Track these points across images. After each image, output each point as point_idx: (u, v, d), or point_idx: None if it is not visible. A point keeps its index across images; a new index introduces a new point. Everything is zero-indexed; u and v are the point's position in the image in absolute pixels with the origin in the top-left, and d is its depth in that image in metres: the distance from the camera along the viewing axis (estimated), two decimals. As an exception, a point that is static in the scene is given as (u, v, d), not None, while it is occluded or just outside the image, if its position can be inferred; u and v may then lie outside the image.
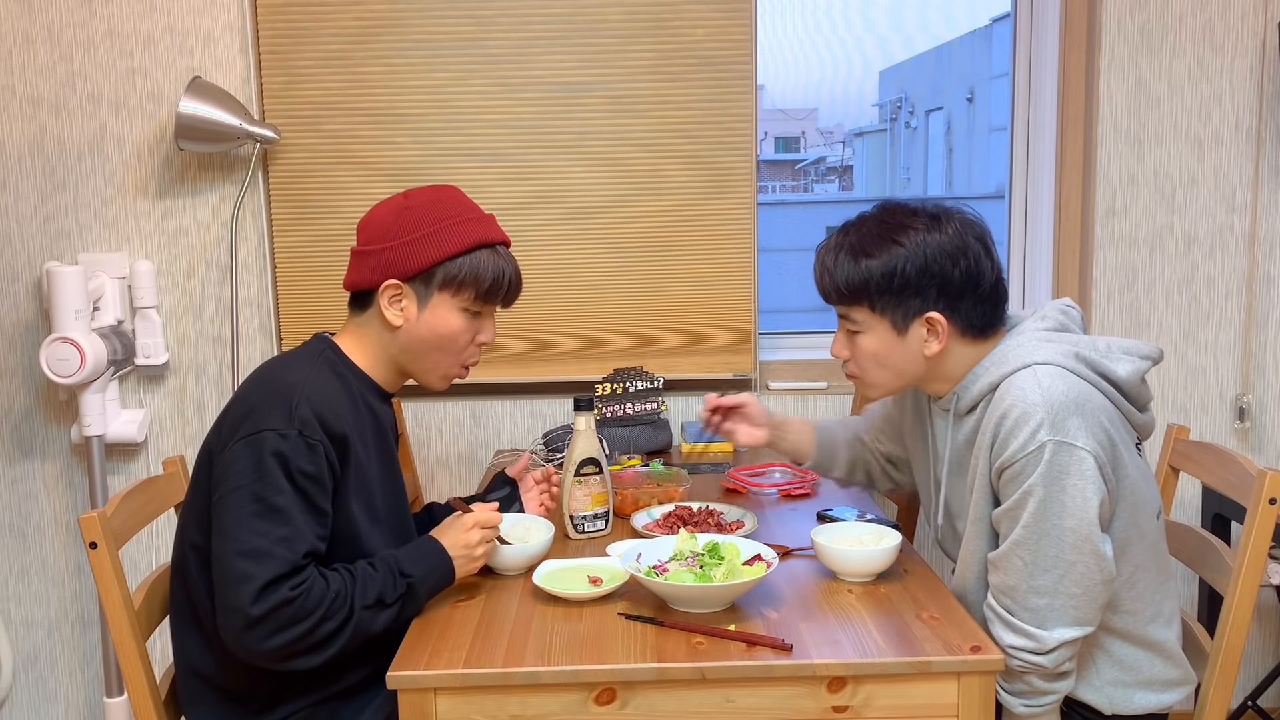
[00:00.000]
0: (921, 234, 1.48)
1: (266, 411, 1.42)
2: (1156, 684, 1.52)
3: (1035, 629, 1.41)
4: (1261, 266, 2.55)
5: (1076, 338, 1.50)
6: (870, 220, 1.54)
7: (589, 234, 2.54)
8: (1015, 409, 1.41)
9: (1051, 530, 1.39)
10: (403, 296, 1.55)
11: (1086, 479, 1.39)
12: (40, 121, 2.48)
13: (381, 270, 1.54)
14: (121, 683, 2.49)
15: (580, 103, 2.49)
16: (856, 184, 13.56)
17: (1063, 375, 1.42)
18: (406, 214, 1.55)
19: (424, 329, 1.56)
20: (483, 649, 1.36)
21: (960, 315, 1.50)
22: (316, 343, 1.59)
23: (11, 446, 2.59)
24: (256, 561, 1.35)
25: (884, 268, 1.48)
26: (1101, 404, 1.44)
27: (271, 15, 2.45)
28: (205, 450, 1.50)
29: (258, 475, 1.39)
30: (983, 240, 1.50)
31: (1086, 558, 1.40)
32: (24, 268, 2.52)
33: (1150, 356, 1.51)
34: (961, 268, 1.48)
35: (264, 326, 2.55)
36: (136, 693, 1.49)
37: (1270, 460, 2.62)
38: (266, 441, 1.40)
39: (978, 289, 1.49)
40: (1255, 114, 2.50)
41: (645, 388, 2.46)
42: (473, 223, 1.57)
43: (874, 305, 1.51)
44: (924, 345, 1.52)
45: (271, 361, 1.56)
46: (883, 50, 15.84)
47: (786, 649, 1.33)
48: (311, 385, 1.46)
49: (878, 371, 1.56)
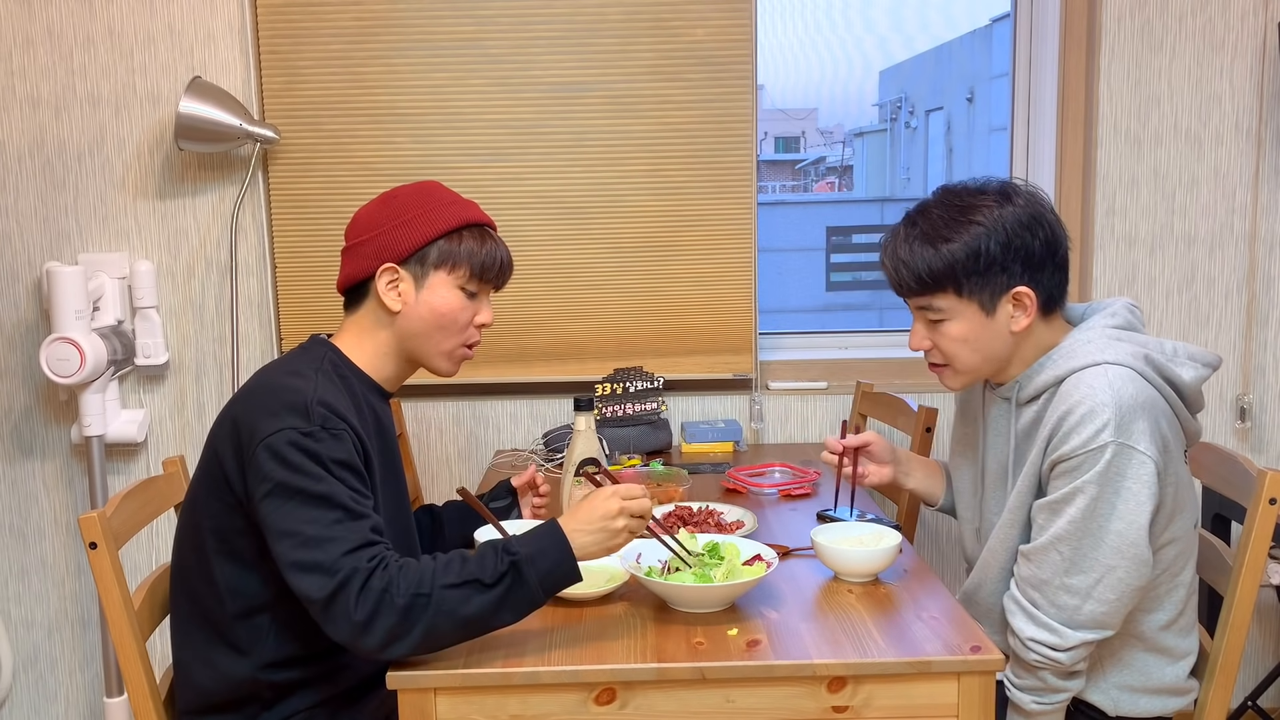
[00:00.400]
0: (996, 210, 1.47)
1: (281, 414, 1.39)
2: (1164, 691, 1.52)
3: (1060, 625, 1.41)
4: (1261, 266, 2.55)
5: (1145, 339, 1.50)
6: (936, 206, 1.52)
7: (589, 234, 2.54)
8: (1082, 405, 1.40)
9: (1096, 531, 1.39)
10: (399, 279, 1.54)
11: (1143, 484, 1.38)
12: (40, 121, 2.48)
13: (375, 257, 1.54)
14: (121, 683, 2.49)
15: (580, 103, 2.49)
16: (856, 184, 13.55)
17: (1133, 378, 1.41)
18: (392, 201, 1.57)
19: (424, 309, 1.55)
20: (483, 649, 1.36)
21: (1043, 286, 1.49)
22: (316, 346, 1.58)
23: (11, 446, 2.59)
24: (318, 548, 1.32)
25: (967, 249, 1.46)
26: (1164, 410, 1.43)
27: (271, 15, 2.45)
28: (213, 455, 1.47)
29: (291, 471, 1.36)
30: (1050, 208, 1.51)
31: (1128, 563, 1.39)
32: (24, 268, 2.52)
33: (1211, 364, 1.51)
34: (1041, 238, 1.47)
35: (264, 326, 2.55)
36: (136, 693, 1.49)
37: (1270, 460, 2.62)
38: (290, 439, 1.37)
39: (1055, 256, 1.49)
40: (1255, 114, 2.50)
41: (645, 388, 2.46)
42: (458, 205, 1.58)
43: (961, 289, 1.49)
44: (1011, 321, 1.50)
45: (270, 368, 1.53)
46: (883, 50, 15.80)
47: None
48: (321, 388, 1.45)
49: (968, 356, 1.54)
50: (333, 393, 1.46)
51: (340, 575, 1.29)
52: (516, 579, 1.30)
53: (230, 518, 1.44)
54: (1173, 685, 1.52)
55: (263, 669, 1.46)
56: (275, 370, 1.52)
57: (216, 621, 1.48)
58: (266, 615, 1.47)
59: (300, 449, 1.37)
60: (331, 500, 1.35)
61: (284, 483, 1.35)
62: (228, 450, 1.44)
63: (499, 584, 1.30)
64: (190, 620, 1.51)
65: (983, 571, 1.57)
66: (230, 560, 1.46)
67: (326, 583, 1.29)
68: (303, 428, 1.38)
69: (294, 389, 1.43)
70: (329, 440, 1.39)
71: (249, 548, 1.44)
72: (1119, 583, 1.40)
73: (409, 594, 1.28)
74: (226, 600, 1.46)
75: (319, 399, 1.42)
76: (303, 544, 1.33)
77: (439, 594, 1.28)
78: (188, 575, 1.51)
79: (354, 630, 1.28)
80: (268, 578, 1.45)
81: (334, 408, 1.42)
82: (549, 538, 1.34)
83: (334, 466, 1.38)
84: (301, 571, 1.32)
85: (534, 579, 1.31)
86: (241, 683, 1.48)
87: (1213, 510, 2.43)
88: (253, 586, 1.46)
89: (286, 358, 1.57)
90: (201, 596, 1.48)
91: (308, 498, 1.35)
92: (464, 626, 1.30)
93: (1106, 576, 1.39)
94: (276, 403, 1.41)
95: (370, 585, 1.28)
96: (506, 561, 1.30)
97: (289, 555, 1.33)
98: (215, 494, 1.45)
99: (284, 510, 1.35)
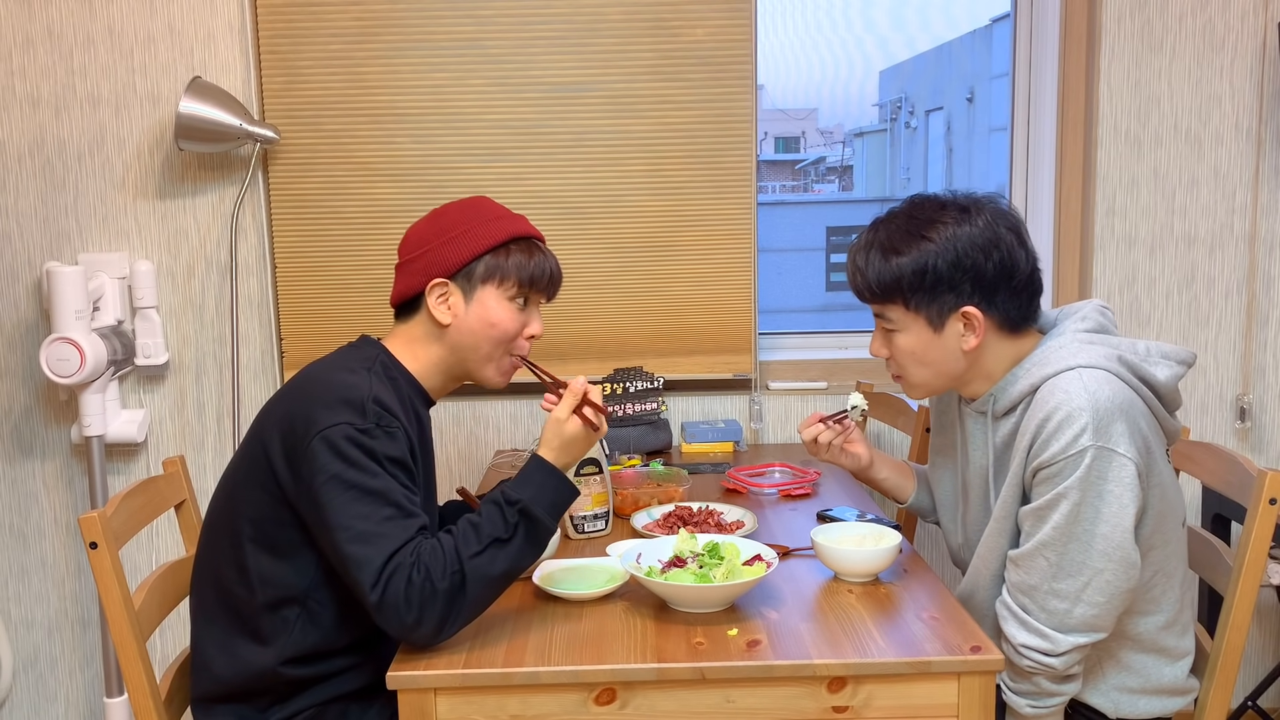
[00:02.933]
0: (951, 227, 1.46)
1: (338, 408, 1.42)
2: (1164, 691, 1.52)
3: (1051, 630, 1.41)
4: (1261, 266, 2.55)
5: (1118, 340, 1.49)
6: (900, 216, 1.52)
7: (589, 234, 2.54)
8: (1060, 411, 1.40)
9: (1082, 535, 1.39)
10: (449, 294, 1.57)
11: (1125, 486, 1.38)
12: (40, 121, 2.48)
13: (425, 272, 1.57)
14: (121, 683, 2.49)
15: (580, 103, 2.49)
16: (856, 184, 13.56)
17: (1109, 380, 1.41)
18: (441, 218, 1.60)
19: (473, 321, 1.57)
20: (483, 649, 1.36)
21: (997, 308, 1.49)
22: (367, 346, 1.60)
23: (11, 446, 2.59)
24: (368, 544, 1.34)
25: (915, 265, 1.46)
26: (1142, 410, 1.43)
27: (271, 15, 2.45)
28: (258, 445, 1.48)
29: (347, 464, 1.38)
30: (1016, 230, 1.48)
31: (1116, 565, 1.39)
32: (24, 268, 2.52)
33: (1186, 361, 1.50)
34: (995, 260, 1.46)
35: (264, 326, 2.55)
36: (136, 693, 1.49)
37: (1270, 460, 2.62)
38: (347, 434, 1.39)
39: (1012, 280, 1.48)
40: (1255, 114, 2.51)
41: (645, 388, 2.46)
42: (507, 219, 1.61)
43: (908, 303, 1.49)
44: (961, 340, 1.50)
45: (323, 363, 1.55)
46: (883, 50, 15.80)
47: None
48: (376, 386, 1.47)
49: (918, 370, 1.55)
50: (385, 391, 1.48)
51: (386, 575, 1.33)
52: (529, 522, 1.39)
53: (272, 508, 1.46)
54: (1172, 685, 1.52)
55: (284, 663, 1.47)
56: (328, 365, 1.53)
57: (243, 611, 1.49)
58: (296, 608, 1.48)
59: (356, 444, 1.39)
60: (386, 497, 1.38)
61: (339, 475, 1.38)
62: (275, 441, 1.45)
63: (517, 534, 1.38)
64: (215, 608, 1.52)
65: (974, 580, 1.57)
66: (266, 551, 1.47)
67: (376, 583, 1.33)
68: (359, 424, 1.41)
69: (350, 384, 1.45)
70: (384, 437, 1.42)
71: (287, 539, 1.46)
72: (1107, 585, 1.40)
73: (446, 576, 1.33)
74: (257, 590, 1.47)
75: (374, 396, 1.44)
76: (354, 538, 1.35)
77: (469, 566, 1.35)
78: (217, 563, 1.52)
79: (407, 628, 1.34)
80: (302, 570, 1.47)
81: (388, 406, 1.45)
82: (540, 473, 1.43)
83: (388, 463, 1.41)
84: (352, 566, 1.35)
85: (543, 514, 1.40)
86: (261, 674, 1.48)
87: (1213, 510, 2.43)
88: (286, 578, 1.47)
89: (338, 354, 1.59)
90: (230, 584, 1.49)
91: (362, 492, 1.37)
92: (501, 581, 1.38)
93: (1095, 580, 1.39)
94: (333, 397, 1.43)
95: (413, 581, 1.33)
96: (515, 512, 1.38)
97: (340, 548, 1.36)
98: (258, 483, 1.47)
99: (338, 503, 1.37)
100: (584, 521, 1.80)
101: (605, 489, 1.82)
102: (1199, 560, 1.66)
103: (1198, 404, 2.60)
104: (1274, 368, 2.59)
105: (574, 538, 1.81)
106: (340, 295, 2.54)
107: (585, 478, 1.79)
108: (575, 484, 1.46)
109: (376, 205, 2.52)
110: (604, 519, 1.82)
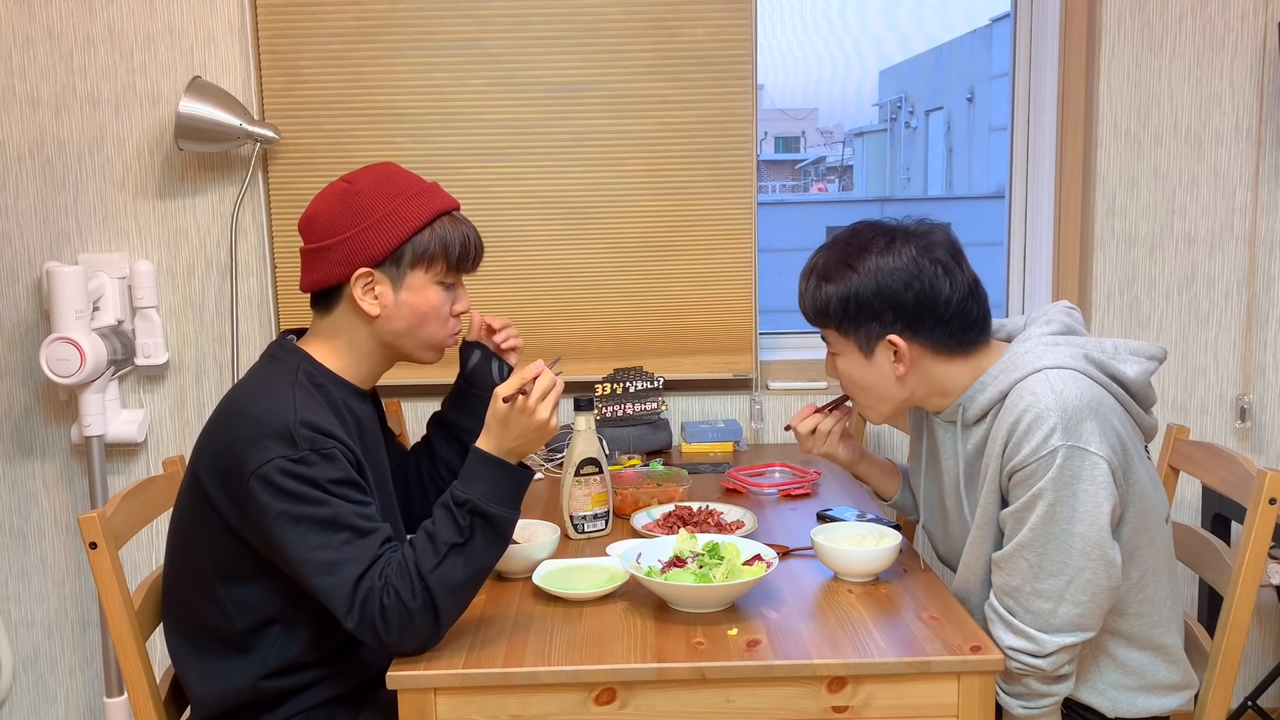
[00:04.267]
0: (875, 258, 1.48)
1: (265, 444, 1.35)
2: (1160, 688, 1.52)
3: (1036, 632, 1.41)
4: (1261, 266, 2.55)
5: (1084, 340, 1.50)
6: (839, 243, 1.55)
7: (589, 234, 2.54)
8: (1029, 414, 1.40)
9: (1060, 535, 1.39)
10: (375, 283, 1.50)
11: (1099, 484, 1.38)
12: (40, 121, 2.48)
13: (347, 262, 1.49)
14: (121, 683, 2.49)
15: (580, 103, 2.49)
16: (857, 184, 13.56)
17: (1076, 379, 1.41)
18: (356, 199, 1.50)
19: (404, 310, 1.51)
20: (483, 649, 1.36)
21: (923, 336, 1.50)
22: (286, 356, 1.51)
23: (11, 446, 2.59)
24: (333, 573, 1.32)
25: (840, 293, 1.50)
26: (1113, 407, 1.43)
27: (271, 15, 2.45)
28: (196, 484, 1.44)
29: (290, 499, 1.33)
30: (942, 262, 1.48)
31: (1095, 564, 1.39)
32: (24, 268, 2.52)
33: (1156, 357, 1.51)
34: (915, 290, 1.47)
35: (264, 326, 2.55)
36: (136, 693, 1.49)
37: (1270, 460, 2.62)
38: (281, 468, 1.34)
39: (935, 310, 1.48)
40: (1255, 114, 2.51)
41: (645, 388, 2.46)
42: (425, 194, 1.53)
43: (840, 329, 1.53)
44: (893, 367, 1.52)
45: (243, 388, 1.48)
46: (882, 50, 15.84)
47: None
48: (301, 406, 1.40)
49: (861, 395, 1.58)
50: (312, 408, 1.41)
51: (359, 600, 1.31)
52: (484, 520, 1.34)
53: (229, 543, 1.42)
54: (1168, 682, 1.52)
55: (267, 676, 1.46)
56: (248, 390, 1.46)
57: (224, 636, 1.46)
58: (278, 625, 1.46)
59: (294, 476, 1.34)
60: (337, 523, 1.34)
61: (285, 512, 1.34)
62: (214, 481, 1.41)
63: (474, 534, 1.34)
64: (192, 635, 1.49)
65: (963, 585, 1.57)
66: (234, 578, 1.44)
67: (350, 609, 1.31)
68: (291, 455, 1.35)
69: (273, 413, 1.38)
70: (321, 462, 1.36)
71: (249, 567, 1.43)
72: (1089, 584, 1.40)
73: (416, 595, 1.31)
74: (235, 616, 1.45)
75: (301, 420, 1.37)
76: (317, 570, 1.33)
77: (432, 580, 1.32)
78: (184, 593, 1.49)
79: (393, 645, 1.33)
80: (275, 590, 1.44)
81: (319, 426, 1.38)
82: (483, 466, 1.36)
83: (332, 487, 1.36)
84: (323, 597, 1.33)
85: (497, 509, 1.34)
86: (242, 691, 1.47)
87: (1213, 510, 2.43)
88: (261, 600, 1.45)
89: (258, 373, 1.51)
90: (203, 614, 1.46)
91: (313, 524, 1.34)
92: (472, 584, 1.35)
93: (1076, 579, 1.39)
94: (258, 430, 1.37)
95: (386, 606, 1.31)
96: (465, 513, 1.33)
97: (307, 581, 1.34)
98: (206, 520, 1.43)
99: (291, 538, 1.34)
100: (584, 521, 1.80)
101: (605, 489, 1.81)
102: (1199, 560, 1.66)
103: (1198, 404, 2.60)
104: (1274, 368, 2.59)
105: (574, 538, 1.81)
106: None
107: (585, 478, 1.79)
108: (524, 465, 1.39)
109: (376, 205, 2.51)
110: (604, 519, 1.82)
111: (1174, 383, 2.60)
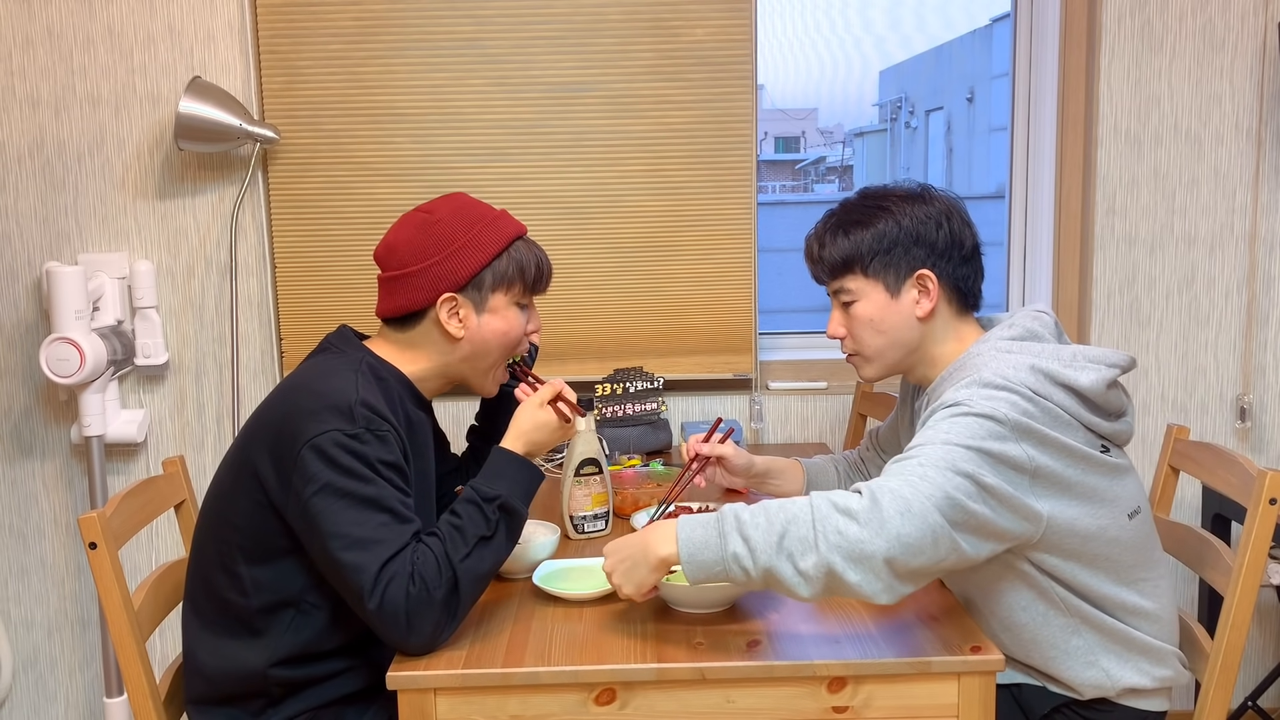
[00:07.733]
0: (904, 204, 1.58)
1: (324, 416, 1.40)
2: (1149, 654, 1.48)
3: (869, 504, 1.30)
4: (1261, 266, 2.55)
5: (1040, 348, 1.48)
6: (853, 200, 1.65)
7: (589, 234, 2.54)
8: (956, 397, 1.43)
9: (930, 439, 1.35)
10: (459, 306, 1.56)
11: (991, 438, 1.33)
12: (40, 122, 2.48)
13: (432, 288, 1.55)
14: (121, 683, 2.49)
15: (580, 103, 2.49)
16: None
17: (1006, 398, 1.38)
18: (436, 227, 1.56)
19: (487, 332, 1.58)
20: (483, 649, 1.36)
21: (948, 275, 1.57)
22: (351, 349, 1.57)
23: (11, 446, 2.59)
24: (364, 550, 1.34)
25: (874, 233, 1.57)
26: (1050, 420, 1.40)
27: (271, 15, 2.45)
28: (244, 455, 1.47)
29: (339, 472, 1.37)
30: (961, 214, 1.60)
31: (941, 476, 1.30)
32: (24, 268, 2.52)
33: (1118, 364, 1.49)
34: (947, 229, 1.57)
35: (264, 326, 2.55)
36: (136, 693, 1.49)
37: (1270, 460, 2.62)
38: (336, 440, 1.38)
39: (962, 250, 1.58)
40: (1255, 114, 2.51)
41: (645, 388, 2.46)
42: (499, 221, 1.60)
43: (866, 270, 1.58)
44: (916, 306, 1.57)
45: (306, 370, 1.53)
46: (882, 50, 15.82)
47: None
48: (363, 389, 1.46)
49: (874, 339, 1.59)
50: (373, 394, 1.47)
51: (384, 583, 1.33)
52: (509, 516, 1.44)
53: (261, 518, 1.45)
54: (1146, 645, 1.49)
55: (276, 664, 1.47)
56: (311, 372, 1.51)
57: (238, 614, 1.48)
58: (291, 610, 1.47)
59: (347, 450, 1.38)
60: (379, 503, 1.37)
61: (331, 483, 1.37)
62: (263, 451, 1.44)
63: (499, 529, 1.42)
64: (207, 612, 1.51)
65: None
66: (258, 557, 1.46)
67: (373, 589, 1.33)
68: (348, 429, 1.39)
69: (335, 390, 1.44)
70: (375, 442, 1.40)
71: (277, 547, 1.45)
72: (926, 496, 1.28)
73: (442, 584, 1.35)
74: (252, 594, 1.47)
75: (361, 400, 1.43)
76: (349, 545, 1.35)
77: (461, 569, 1.37)
78: (208, 569, 1.51)
79: (404, 637, 1.34)
80: (296, 572, 1.46)
81: (377, 409, 1.43)
82: (510, 465, 1.48)
83: (381, 468, 1.40)
84: (347, 573, 1.34)
85: (520, 505, 1.45)
86: (252, 675, 1.48)
87: (1213, 510, 2.43)
88: (280, 581, 1.46)
89: (321, 358, 1.56)
90: (223, 589, 1.49)
91: (356, 500, 1.37)
92: (489, 576, 1.41)
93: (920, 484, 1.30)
94: (318, 404, 1.42)
95: (410, 593, 1.33)
96: (495, 508, 1.42)
97: (335, 555, 1.35)
98: (246, 494, 1.46)
99: (331, 510, 1.36)
100: (584, 521, 1.80)
101: (605, 489, 1.81)
102: (1199, 560, 1.66)
103: (1198, 404, 2.60)
104: (1274, 368, 2.59)
105: (574, 538, 1.81)
106: (340, 295, 2.54)
107: (585, 478, 1.79)
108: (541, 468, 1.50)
109: (376, 205, 2.52)
110: (604, 519, 1.82)
111: (1174, 383, 2.60)
